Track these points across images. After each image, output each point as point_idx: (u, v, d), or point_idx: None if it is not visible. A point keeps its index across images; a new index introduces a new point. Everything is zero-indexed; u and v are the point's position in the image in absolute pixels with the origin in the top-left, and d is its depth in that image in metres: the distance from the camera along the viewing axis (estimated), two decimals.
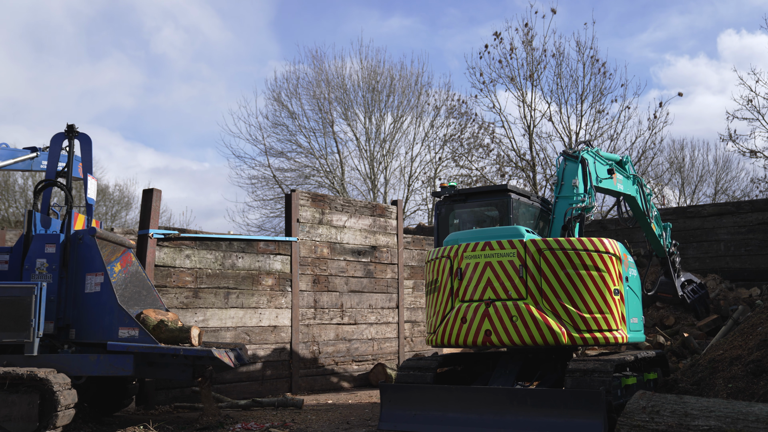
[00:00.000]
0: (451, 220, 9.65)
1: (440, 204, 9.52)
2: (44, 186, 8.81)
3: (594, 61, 24.52)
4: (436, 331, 8.38)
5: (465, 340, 8.02)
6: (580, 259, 7.81)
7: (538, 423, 7.25)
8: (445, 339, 8.26)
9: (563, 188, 9.14)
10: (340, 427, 8.39)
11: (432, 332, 8.52)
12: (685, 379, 8.48)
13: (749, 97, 22.93)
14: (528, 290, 7.81)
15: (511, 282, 7.89)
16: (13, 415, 7.24)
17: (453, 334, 8.13)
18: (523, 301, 7.78)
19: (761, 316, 8.90)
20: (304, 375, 12.18)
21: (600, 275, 7.83)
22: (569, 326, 7.67)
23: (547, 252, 7.84)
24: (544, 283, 7.78)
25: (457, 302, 8.19)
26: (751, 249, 15.27)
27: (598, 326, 7.71)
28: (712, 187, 34.07)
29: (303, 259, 12.36)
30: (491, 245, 8.07)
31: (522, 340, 7.72)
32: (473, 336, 7.95)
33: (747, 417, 6.07)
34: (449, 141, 28.40)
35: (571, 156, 9.30)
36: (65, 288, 8.13)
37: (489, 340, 7.87)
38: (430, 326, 8.61)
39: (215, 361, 7.98)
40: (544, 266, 7.81)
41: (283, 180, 29.58)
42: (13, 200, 30.57)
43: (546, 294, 7.76)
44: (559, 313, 7.70)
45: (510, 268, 7.94)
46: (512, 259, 7.94)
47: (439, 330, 8.31)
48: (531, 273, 7.81)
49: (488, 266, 8.03)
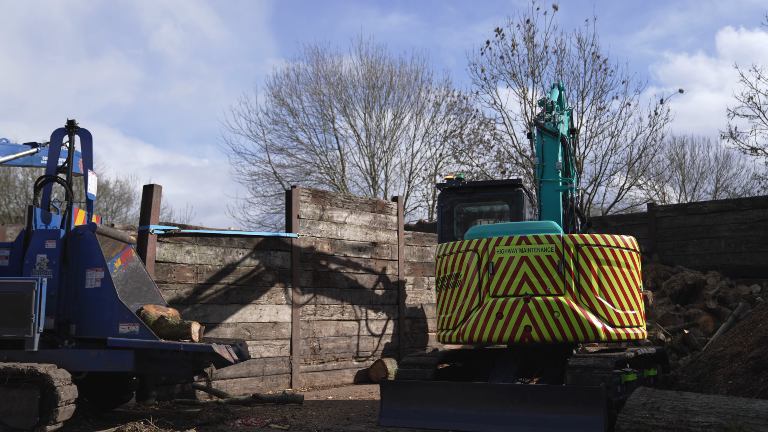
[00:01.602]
0: (456, 213, 9.53)
1: (444, 197, 9.22)
2: (45, 181, 8.81)
3: (595, 57, 24.47)
4: (457, 327, 8.05)
5: (501, 336, 7.76)
6: (614, 255, 7.90)
7: (538, 419, 7.25)
8: (475, 335, 7.92)
9: (546, 170, 8.94)
10: (341, 422, 8.39)
11: (450, 329, 8.16)
12: (685, 376, 8.48)
13: (750, 95, 22.91)
14: (566, 286, 7.78)
15: (549, 277, 7.78)
16: (14, 410, 7.25)
17: (486, 330, 7.86)
18: (563, 297, 7.73)
19: (762, 313, 8.89)
20: (305, 371, 12.19)
21: (629, 272, 8.00)
22: (605, 322, 7.76)
23: (585, 248, 7.87)
24: (582, 278, 7.79)
25: (488, 297, 7.90)
26: (751, 246, 15.26)
27: (629, 323, 7.88)
28: (712, 184, 34.07)
29: (303, 255, 12.36)
30: (527, 239, 7.88)
31: (563, 335, 7.69)
32: (510, 332, 7.72)
33: (747, 413, 6.07)
34: (450, 137, 28.38)
35: (548, 132, 9.07)
36: (65, 283, 8.13)
37: (529, 336, 7.73)
38: (447, 322, 8.25)
39: (215, 357, 7.98)
40: (581, 262, 7.82)
41: (284, 176, 29.59)
42: (14, 196, 30.56)
43: (584, 290, 7.77)
44: (596, 309, 7.75)
45: (548, 263, 7.84)
46: (550, 254, 7.86)
47: (463, 326, 7.99)
48: (569, 268, 7.78)
49: (524, 261, 7.84)
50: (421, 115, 29.54)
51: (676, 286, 14.30)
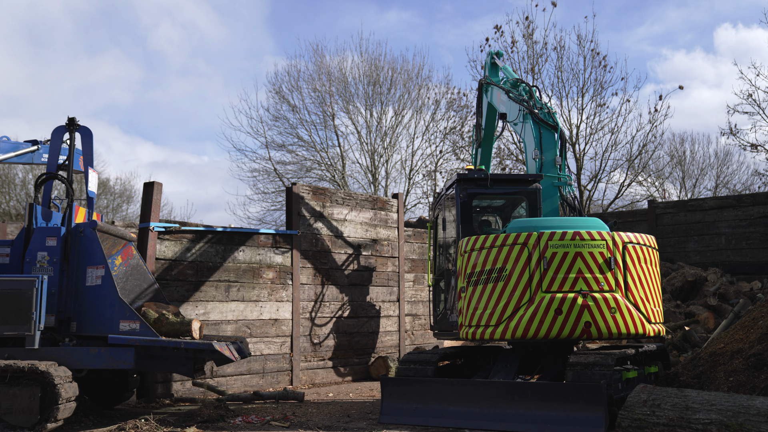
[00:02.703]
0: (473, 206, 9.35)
1: (463, 188, 8.79)
2: (45, 179, 8.80)
3: (595, 54, 24.44)
4: (501, 323, 7.76)
5: (559, 333, 7.62)
6: (649, 254, 8.18)
7: (539, 416, 7.25)
8: (530, 332, 7.67)
9: (545, 165, 8.97)
10: (341, 420, 8.39)
11: (492, 325, 7.83)
12: (686, 373, 8.48)
13: (749, 92, 22.89)
14: (617, 283, 7.85)
15: (602, 274, 7.80)
16: (15, 407, 7.25)
17: (543, 326, 7.64)
18: (615, 294, 7.80)
19: (762, 310, 8.89)
20: (305, 368, 12.19)
21: (656, 270, 8.33)
22: (645, 318, 7.92)
23: (629, 245, 8.01)
24: (628, 275, 7.91)
25: (541, 293, 7.70)
26: (752, 242, 15.26)
27: (658, 319, 8.17)
28: (713, 180, 34.04)
29: (304, 253, 12.36)
30: (581, 235, 7.82)
31: (619, 331, 7.77)
32: (570, 328, 7.61)
33: (748, 410, 6.07)
34: (450, 134, 28.36)
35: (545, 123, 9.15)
36: (66, 281, 8.13)
37: (588, 332, 7.68)
38: (488, 319, 7.89)
39: (216, 354, 7.98)
40: (627, 259, 7.94)
41: (284, 173, 29.56)
42: (14, 193, 30.56)
43: (630, 287, 7.90)
44: (639, 305, 7.92)
45: (601, 260, 7.84)
46: (602, 251, 7.86)
47: (511, 322, 7.72)
48: (619, 266, 7.87)
49: (579, 256, 7.77)
50: (422, 112, 29.52)
51: (676, 282, 14.30)
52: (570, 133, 24.86)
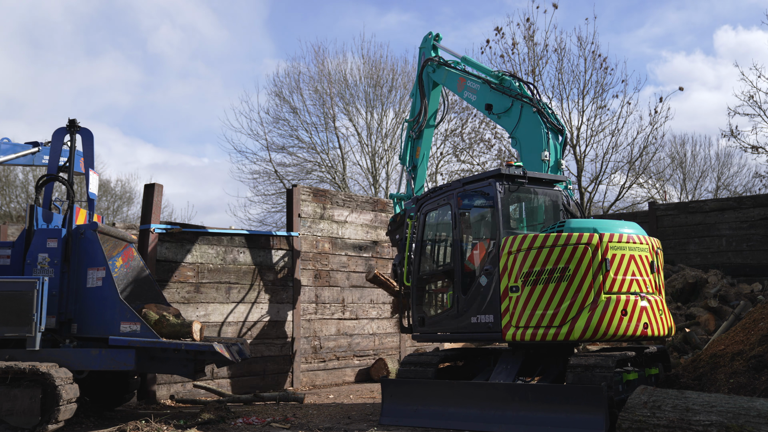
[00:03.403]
0: None
1: (502, 184, 8.48)
2: (46, 181, 8.81)
3: (595, 56, 24.47)
4: (564, 324, 7.60)
5: (624, 333, 7.68)
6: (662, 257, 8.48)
7: (539, 418, 7.25)
8: (599, 332, 7.60)
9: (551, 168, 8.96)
10: (342, 421, 8.40)
11: (555, 326, 7.64)
12: (686, 375, 8.47)
13: (750, 93, 22.91)
14: (657, 286, 8.11)
15: (648, 276, 7.97)
16: (16, 409, 7.26)
17: (612, 326, 7.59)
18: (658, 296, 8.08)
19: (763, 312, 8.88)
20: (306, 370, 12.19)
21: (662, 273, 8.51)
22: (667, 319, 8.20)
23: (659, 250, 8.34)
24: (659, 279, 8.17)
25: (604, 295, 7.63)
26: (752, 244, 15.25)
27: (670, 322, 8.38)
28: (713, 182, 34.02)
29: (304, 254, 12.36)
30: (633, 238, 7.92)
31: (664, 332, 8.04)
32: (633, 329, 7.70)
33: (749, 412, 6.07)
34: (450, 136, 28.37)
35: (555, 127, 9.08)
36: (67, 283, 8.14)
37: (645, 332, 7.85)
38: (549, 320, 7.68)
39: (217, 356, 7.99)
40: (658, 263, 8.21)
41: (285, 175, 29.58)
42: (15, 195, 30.58)
43: (660, 289, 8.19)
44: (663, 308, 8.18)
45: (646, 263, 7.99)
46: (647, 254, 8.02)
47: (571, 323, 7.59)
48: (657, 269, 8.14)
49: (632, 259, 7.86)
50: None
51: (677, 284, 14.29)
52: (571, 135, 24.86)
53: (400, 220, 10.75)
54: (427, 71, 11.22)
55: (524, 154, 9.14)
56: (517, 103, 9.28)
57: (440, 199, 9.12)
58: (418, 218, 9.42)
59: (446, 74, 10.75)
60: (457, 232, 8.72)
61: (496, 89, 9.61)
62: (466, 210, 9.09)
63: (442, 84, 11.00)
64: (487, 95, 9.79)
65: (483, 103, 9.84)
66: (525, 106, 9.21)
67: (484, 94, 9.87)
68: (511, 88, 9.44)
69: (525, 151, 9.12)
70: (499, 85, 9.63)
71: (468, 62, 10.65)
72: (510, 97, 9.39)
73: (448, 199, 8.95)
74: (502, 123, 9.68)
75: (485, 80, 9.86)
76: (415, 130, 11.39)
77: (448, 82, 10.74)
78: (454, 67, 10.68)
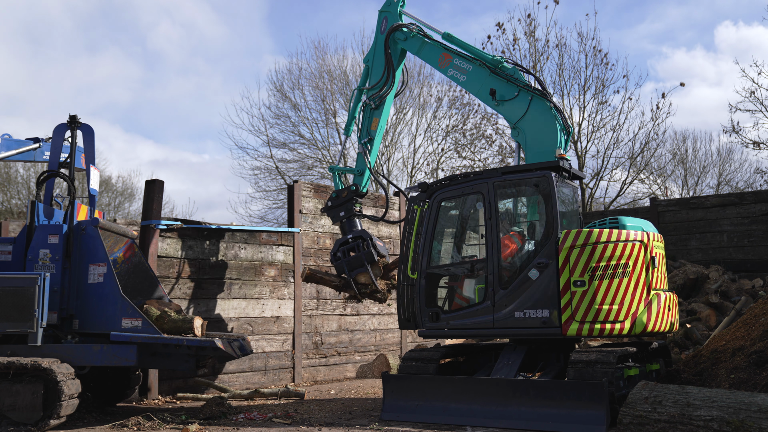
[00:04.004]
0: None
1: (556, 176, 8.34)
2: (47, 177, 8.82)
3: (596, 51, 24.43)
4: (627, 318, 7.67)
5: (666, 328, 8.05)
6: None
7: (540, 414, 7.26)
8: (656, 327, 7.82)
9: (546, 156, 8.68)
10: (343, 417, 8.41)
11: (619, 321, 7.66)
12: (687, 370, 8.49)
13: (752, 89, 22.87)
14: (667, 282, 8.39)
15: (667, 274, 8.35)
16: (18, 404, 7.28)
17: (659, 322, 7.83)
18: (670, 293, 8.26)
19: (764, 307, 8.89)
20: (307, 365, 12.20)
21: None
22: None
23: None
24: None
25: (653, 291, 7.88)
26: (754, 240, 15.24)
27: None
28: (715, 178, 33.98)
29: (305, 250, 12.37)
30: (658, 237, 8.29)
31: (675, 327, 8.35)
32: (670, 324, 8.13)
33: (749, 407, 6.08)
34: (452, 132, 28.36)
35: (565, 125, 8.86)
36: (68, 278, 8.15)
37: (672, 328, 8.26)
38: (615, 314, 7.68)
39: (218, 352, 8.00)
40: None
41: (286, 171, 29.60)
42: (16, 191, 30.58)
43: None
44: (675, 304, 8.39)
45: (665, 261, 8.52)
46: (664, 253, 8.42)
47: (633, 318, 7.69)
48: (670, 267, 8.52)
49: (661, 258, 8.22)
50: (424, 110, 29.51)
51: (678, 280, 14.29)
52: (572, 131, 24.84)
53: (346, 197, 10.05)
54: (395, 38, 10.06)
55: (530, 146, 8.84)
56: (524, 93, 8.91)
57: (464, 188, 8.69)
58: (431, 206, 8.83)
59: (423, 46, 9.83)
60: (493, 223, 8.36)
61: (498, 75, 9.09)
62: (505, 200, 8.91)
63: (415, 54, 10.04)
64: (483, 79, 9.24)
65: (476, 86, 9.30)
66: (535, 98, 8.84)
67: (480, 77, 9.28)
68: (515, 77, 9.00)
69: (532, 144, 8.84)
70: (497, 69, 9.11)
71: (452, 40, 9.74)
72: (516, 86, 8.97)
73: (479, 188, 8.55)
74: (504, 110, 9.16)
75: (483, 63, 9.26)
76: (374, 100, 10.20)
77: (426, 55, 9.87)
78: (436, 40, 9.78)
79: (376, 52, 10.32)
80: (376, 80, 10.23)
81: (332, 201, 10.20)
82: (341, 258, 9.94)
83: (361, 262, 9.85)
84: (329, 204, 10.24)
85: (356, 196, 10.08)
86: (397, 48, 10.17)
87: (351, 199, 10.05)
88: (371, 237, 9.95)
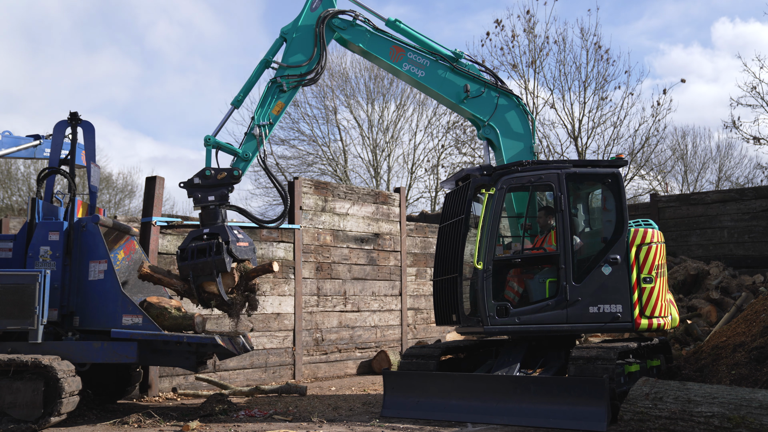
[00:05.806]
0: None
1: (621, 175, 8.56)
2: (47, 174, 8.80)
3: (597, 47, 24.39)
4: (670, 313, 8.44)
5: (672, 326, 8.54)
6: None
7: (541, 410, 7.26)
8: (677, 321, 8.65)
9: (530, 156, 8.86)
10: (344, 413, 8.41)
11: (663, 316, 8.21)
12: (688, 366, 8.49)
13: (753, 84, 22.85)
14: None
15: None
16: (18, 401, 7.28)
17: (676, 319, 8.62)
18: None
19: (765, 303, 8.89)
20: (308, 362, 12.21)
21: None
22: None
23: None
24: None
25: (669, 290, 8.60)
26: (754, 236, 15.24)
27: None
28: (715, 174, 33.96)
29: (306, 247, 12.36)
30: None
31: None
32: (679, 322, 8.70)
33: (750, 403, 6.07)
34: (452, 128, 28.34)
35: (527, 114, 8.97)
36: (69, 275, 8.14)
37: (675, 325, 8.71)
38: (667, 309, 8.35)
39: (219, 348, 7.99)
40: None
41: (286, 167, 29.61)
42: (16, 188, 30.58)
43: None
44: None
45: None
46: None
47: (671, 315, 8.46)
48: None
49: None
50: (424, 106, 29.48)
51: (678, 276, 14.29)
52: (572, 127, 24.81)
53: (223, 179, 8.37)
54: (332, 25, 9.01)
55: (504, 143, 8.83)
56: (490, 90, 8.87)
57: (533, 177, 8.26)
58: (499, 194, 8.23)
59: (370, 38, 9.03)
60: (565, 215, 8.14)
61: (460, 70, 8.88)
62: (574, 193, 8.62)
63: (357, 45, 9.08)
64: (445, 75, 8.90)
65: (437, 82, 8.92)
66: (502, 94, 8.89)
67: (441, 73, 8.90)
68: (472, 72, 8.90)
69: (506, 140, 8.86)
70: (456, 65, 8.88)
71: (401, 30, 9.05)
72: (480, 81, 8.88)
73: (549, 178, 8.24)
74: (470, 108, 8.88)
75: (444, 58, 8.89)
76: (289, 82, 8.93)
77: (372, 46, 9.03)
78: (384, 32, 9.08)
79: (300, 29, 9.01)
80: (295, 61, 8.94)
81: (202, 178, 8.37)
82: (188, 259, 8.10)
83: (210, 270, 7.99)
84: (196, 181, 8.38)
85: (234, 183, 8.48)
86: (331, 35, 9.13)
87: (228, 184, 8.39)
88: (232, 235, 8.15)
